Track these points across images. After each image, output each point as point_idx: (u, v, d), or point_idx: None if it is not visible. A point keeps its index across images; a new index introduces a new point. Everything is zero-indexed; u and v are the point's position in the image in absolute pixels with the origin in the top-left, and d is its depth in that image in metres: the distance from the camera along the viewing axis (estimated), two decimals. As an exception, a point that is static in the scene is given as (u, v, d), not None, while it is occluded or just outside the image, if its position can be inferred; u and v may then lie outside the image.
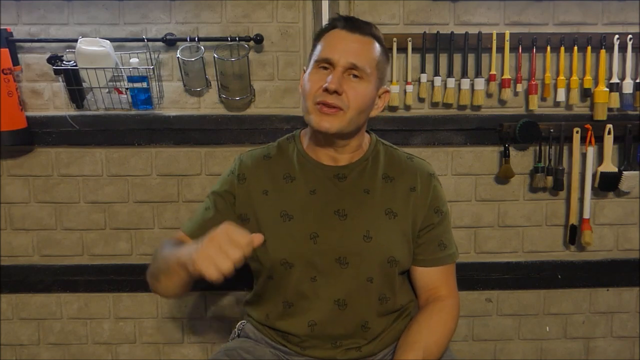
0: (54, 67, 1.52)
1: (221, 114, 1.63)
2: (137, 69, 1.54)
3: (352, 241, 1.06)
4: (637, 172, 1.65)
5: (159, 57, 1.58)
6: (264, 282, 1.12)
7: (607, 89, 1.61)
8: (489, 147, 1.67)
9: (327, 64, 1.02)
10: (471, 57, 1.61)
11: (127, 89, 1.57)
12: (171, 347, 1.75)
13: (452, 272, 1.15)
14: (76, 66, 1.51)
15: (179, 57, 1.51)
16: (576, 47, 1.59)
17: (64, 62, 1.52)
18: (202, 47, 1.53)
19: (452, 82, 1.60)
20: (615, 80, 1.61)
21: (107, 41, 1.51)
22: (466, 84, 1.61)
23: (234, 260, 0.81)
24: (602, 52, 1.59)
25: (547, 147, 1.64)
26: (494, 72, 1.60)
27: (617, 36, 1.59)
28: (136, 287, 1.69)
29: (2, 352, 1.72)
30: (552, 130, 1.61)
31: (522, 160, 1.68)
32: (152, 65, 1.56)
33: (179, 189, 1.66)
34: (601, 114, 1.62)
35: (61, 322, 1.72)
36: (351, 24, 1.04)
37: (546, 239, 1.73)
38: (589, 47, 1.59)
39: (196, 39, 1.53)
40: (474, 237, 1.72)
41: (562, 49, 1.59)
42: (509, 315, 1.77)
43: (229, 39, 1.54)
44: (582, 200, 1.67)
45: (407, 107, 1.65)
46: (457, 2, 1.60)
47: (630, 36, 1.59)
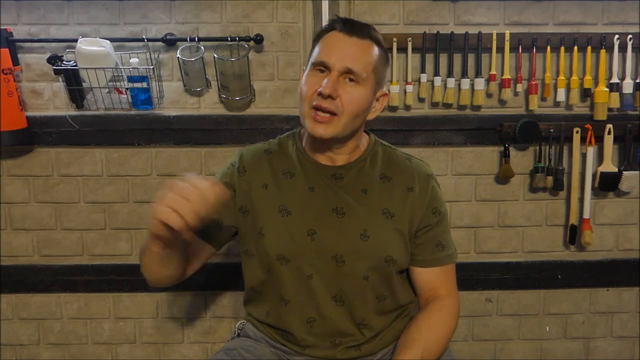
0: (54, 67, 1.52)
1: (221, 114, 1.63)
2: (137, 69, 1.54)
3: (349, 240, 1.07)
4: (637, 172, 1.65)
5: (159, 57, 1.58)
6: (260, 278, 1.12)
7: (607, 89, 1.61)
8: (489, 147, 1.67)
9: (323, 68, 1.02)
10: (471, 57, 1.61)
11: (127, 89, 1.57)
12: (171, 347, 1.75)
13: (451, 272, 1.15)
14: (76, 66, 1.51)
15: (179, 57, 1.51)
16: (576, 47, 1.59)
17: (64, 62, 1.52)
18: (202, 47, 1.53)
19: (452, 82, 1.61)
20: (615, 80, 1.61)
21: (107, 41, 1.51)
22: (466, 84, 1.61)
23: (195, 203, 0.80)
24: (602, 52, 1.59)
25: (547, 147, 1.64)
26: (494, 72, 1.60)
27: (617, 36, 1.59)
28: (136, 287, 1.69)
29: (2, 352, 1.72)
30: (552, 130, 1.61)
31: (522, 160, 1.68)
32: (152, 65, 1.56)
33: (179, 189, 1.66)
34: (601, 114, 1.62)
35: (61, 322, 1.72)
36: (349, 26, 1.03)
37: (546, 239, 1.73)
38: (589, 47, 1.59)
39: (196, 39, 1.53)
40: (474, 237, 1.72)
41: (562, 49, 1.59)
42: (509, 315, 1.77)
43: (229, 39, 1.54)
44: (582, 200, 1.67)
45: (407, 107, 1.65)
46: (457, 2, 1.61)
47: (630, 36, 1.59)
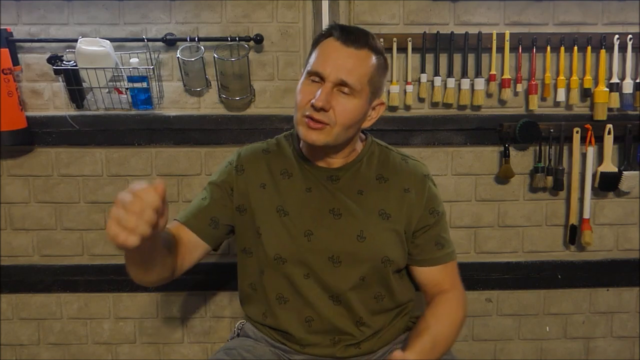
0: (54, 67, 1.52)
1: (221, 114, 1.63)
2: (137, 69, 1.54)
3: (345, 241, 1.07)
4: (637, 172, 1.65)
5: (159, 57, 1.58)
6: (256, 277, 1.12)
7: (607, 89, 1.61)
8: (489, 147, 1.67)
9: (318, 78, 1.01)
10: (471, 57, 1.61)
11: (127, 89, 1.57)
12: (171, 347, 1.75)
13: (453, 268, 1.16)
14: (76, 66, 1.51)
15: (179, 57, 1.51)
16: (576, 47, 1.59)
17: (64, 62, 1.52)
18: (202, 47, 1.53)
19: (452, 82, 1.60)
20: (615, 80, 1.61)
21: (107, 41, 1.51)
22: (466, 84, 1.61)
23: (140, 214, 0.73)
24: (602, 52, 1.59)
25: (547, 147, 1.64)
26: (494, 72, 1.60)
27: (617, 36, 1.59)
28: (136, 287, 1.67)
29: (2, 352, 1.72)
30: (552, 130, 1.61)
31: (522, 160, 1.68)
32: (152, 65, 1.56)
33: (179, 189, 1.66)
34: (601, 114, 1.62)
35: (61, 322, 1.72)
36: (346, 35, 1.01)
37: (546, 239, 1.73)
38: (589, 47, 1.59)
39: (196, 39, 1.53)
40: (474, 237, 1.72)
41: (562, 49, 1.59)
42: (509, 315, 1.77)
43: (229, 39, 1.54)
44: (582, 200, 1.67)
45: (407, 107, 1.65)
46: (457, 2, 1.60)
47: (630, 36, 1.59)
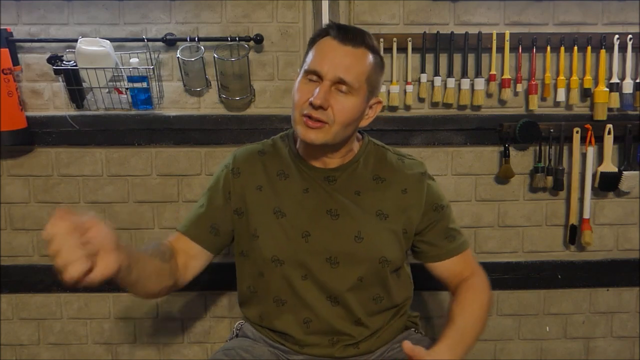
0: (54, 67, 1.52)
1: (221, 114, 1.63)
2: (137, 69, 1.54)
3: (343, 241, 1.07)
4: (637, 172, 1.65)
5: (159, 57, 1.58)
6: (254, 280, 1.13)
7: (607, 89, 1.61)
8: (489, 147, 1.67)
9: (316, 76, 1.01)
10: (471, 57, 1.61)
11: (127, 89, 1.57)
12: (171, 347, 1.75)
13: (469, 255, 1.17)
14: (76, 66, 1.51)
15: (179, 57, 1.51)
16: (576, 47, 1.59)
17: (64, 62, 1.52)
18: (202, 47, 1.53)
19: (452, 82, 1.60)
20: (615, 80, 1.61)
21: (107, 41, 1.51)
22: (466, 84, 1.61)
23: (65, 248, 0.69)
24: (602, 52, 1.59)
25: (547, 147, 1.64)
26: (494, 72, 1.60)
27: (617, 36, 1.59)
28: (136, 287, 1.69)
29: (2, 352, 1.72)
30: (552, 130, 1.61)
31: (522, 160, 1.68)
32: (152, 65, 1.56)
33: (179, 189, 1.66)
34: (601, 114, 1.62)
35: (61, 322, 1.72)
36: (343, 34, 1.01)
37: (546, 239, 1.73)
38: (589, 47, 1.59)
39: (196, 39, 1.53)
40: (474, 237, 1.72)
41: (562, 49, 1.59)
42: (509, 315, 1.77)
43: (229, 39, 1.54)
44: (582, 200, 1.67)
45: (407, 107, 1.65)
46: (457, 2, 1.60)
47: (630, 36, 1.59)
